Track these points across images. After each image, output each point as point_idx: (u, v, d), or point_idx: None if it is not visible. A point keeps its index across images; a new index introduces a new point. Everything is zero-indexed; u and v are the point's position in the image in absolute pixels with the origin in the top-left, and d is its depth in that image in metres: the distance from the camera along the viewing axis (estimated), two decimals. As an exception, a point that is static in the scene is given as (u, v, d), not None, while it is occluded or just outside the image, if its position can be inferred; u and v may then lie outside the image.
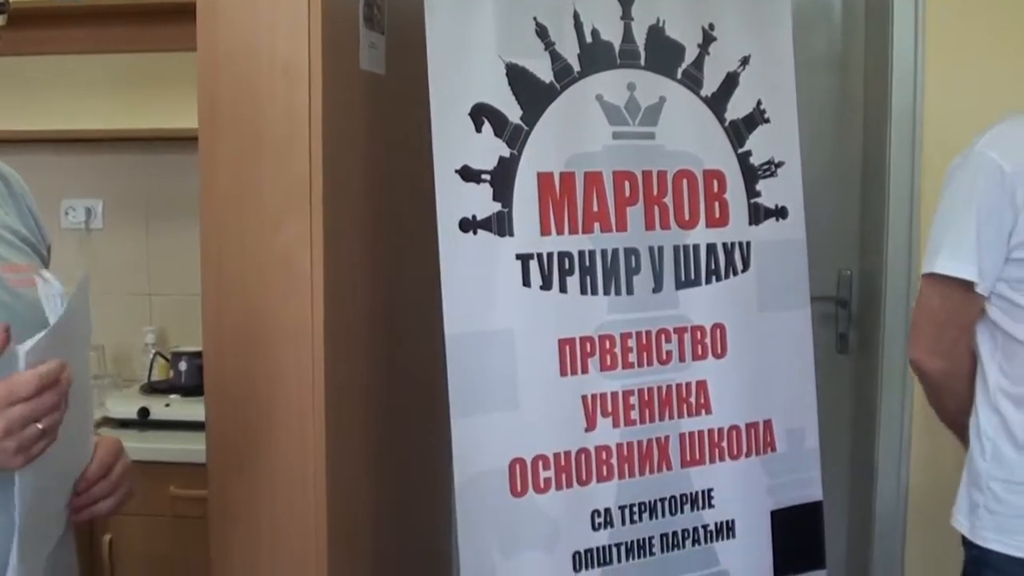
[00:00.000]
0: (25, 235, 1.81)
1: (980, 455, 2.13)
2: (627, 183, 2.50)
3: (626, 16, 2.54)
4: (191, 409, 2.85)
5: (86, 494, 1.66)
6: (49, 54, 3.25)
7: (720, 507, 2.61)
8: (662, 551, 2.55)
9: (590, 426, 2.46)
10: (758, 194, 2.66)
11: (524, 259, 2.38)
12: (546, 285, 2.41)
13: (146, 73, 3.41)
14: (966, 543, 2.17)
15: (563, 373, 2.42)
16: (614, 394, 2.49)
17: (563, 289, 2.42)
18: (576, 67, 2.46)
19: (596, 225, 2.47)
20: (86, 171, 3.49)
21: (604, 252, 2.47)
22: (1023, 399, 2.08)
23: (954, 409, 2.25)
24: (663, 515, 2.55)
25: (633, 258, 2.51)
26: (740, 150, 2.64)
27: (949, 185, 2.16)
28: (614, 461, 2.49)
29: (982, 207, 2.07)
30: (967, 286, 2.09)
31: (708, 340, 2.59)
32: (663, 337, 2.54)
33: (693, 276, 2.57)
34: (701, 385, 2.58)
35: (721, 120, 2.62)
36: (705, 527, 2.60)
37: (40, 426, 1.46)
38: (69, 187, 3.44)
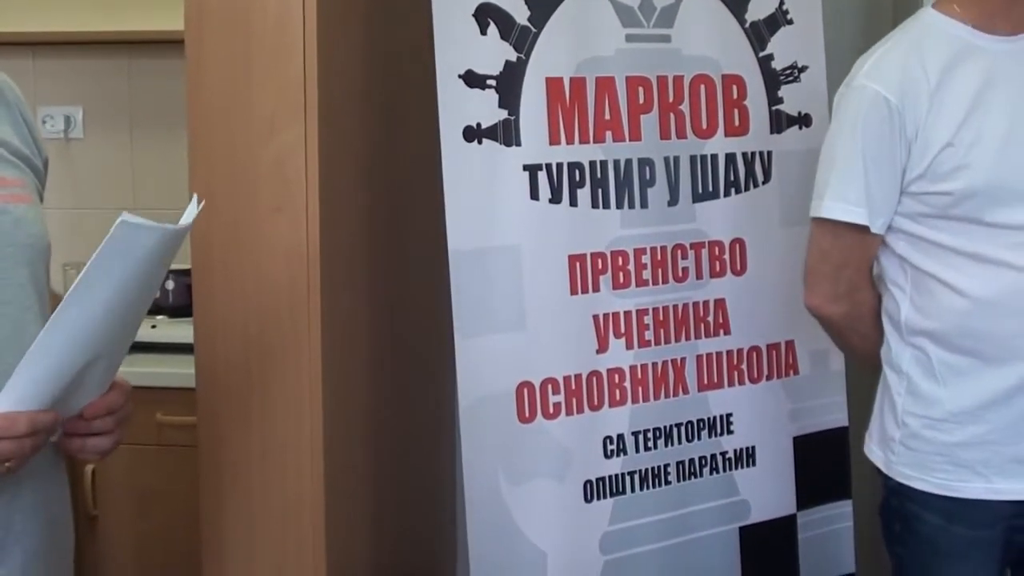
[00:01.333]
0: (17, 147, 1.73)
1: (896, 389, 2.03)
2: (641, 89, 2.39)
3: (639, -87, 2.41)
4: (179, 331, 2.76)
5: (85, 424, 1.59)
6: (25, -51, 3.16)
7: (739, 433, 2.53)
8: (678, 479, 2.48)
9: (602, 348, 2.37)
10: (780, 100, 2.56)
11: (532, 170, 2.28)
12: (555, 198, 2.30)
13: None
14: (881, 473, 2.09)
15: (573, 291, 2.33)
16: (627, 313, 2.39)
17: (573, 202, 2.32)
18: (587, -36, 2.34)
19: (608, 134, 2.36)
20: (65, 76, 3.37)
21: (617, 163, 2.37)
22: (941, 333, 1.97)
23: (862, 347, 2.15)
24: (679, 442, 2.47)
25: (647, 169, 2.40)
26: (761, 53, 2.54)
27: (834, 119, 2.03)
28: (627, 384, 2.40)
29: (869, 144, 1.94)
30: (860, 228, 1.97)
31: (727, 256, 2.50)
32: (679, 253, 2.45)
33: (711, 188, 2.48)
34: (719, 304, 2.50)
35: (741, 21, 2.51)
36: (724, 454, 2.52)
37: (8, 465, 1.47)
38: (47, 94, 3.33)
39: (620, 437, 2.40)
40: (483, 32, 2.23)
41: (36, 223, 1.67)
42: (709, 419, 2.50)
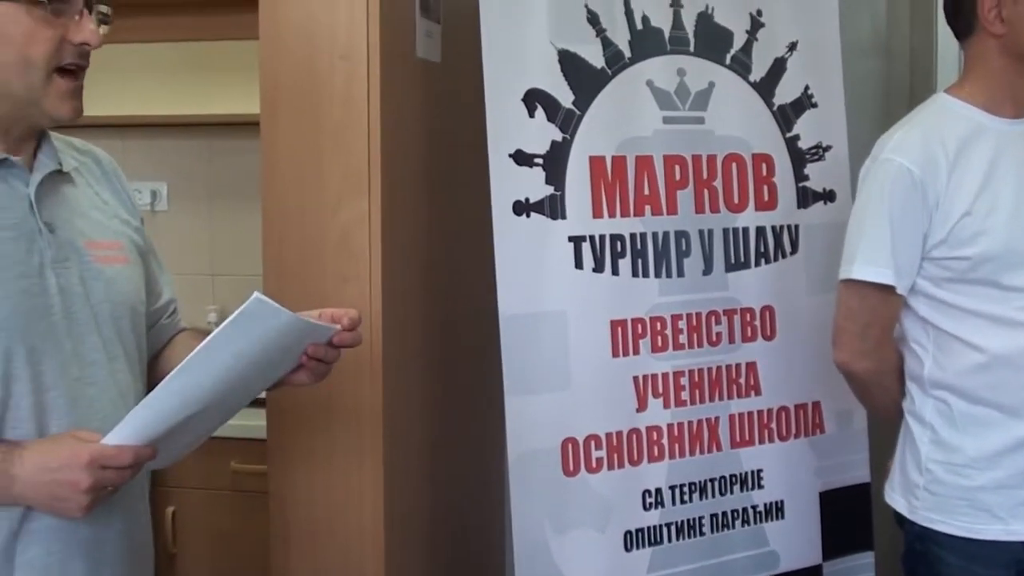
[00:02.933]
0: (115, 211, 1.89)
1: (919, 438, 2.16)
2: (677, 167, 2.54)
3: (675, 3, 2.58)
4: None
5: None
6: (117, 42, 3.33)
7: (769, 488, 2.64)
8: (712, 531, 2.59)
9: (641, 406, 2.50)
10: (806, 178, 2.69)
11: (576, 241, 2.42)
12: (598, 267, 2.45)
13: (210, 61, 3.48)
14: (902, 519, 2.20)
15: (615, 354, 2.46)
16: (665, 375, 2.52)
17: (615, 271, 2.46)
18: (627, 53, 2.50)
19: (647, 208, 2.50)
20: (152, 155, 3.57)
21: (655, 235, 2.51)
22: (961, 387, 2.11)
23: (885, 401, 2.27)
24: (713, 495, 2.58)
25: (684, 241, 2.54)
26: (788, 134, 2.67)
27: (860, 191, 2.19)
28: (665, 441, 2.53)
29: (895, 212, 2.09)
30: (886, 289, 2.12)
31: (757, 322, 2.62)
32: (713, 319, 2.57)
33: (743, 259, 2.61)
34: (751, 367, 2.62)
35: (769, 105, 2.66)
36: (754, 507, 2.63)
37: (109, 490, 1.62)
38: (135, 171, 3.40)
39: (658, 491, 2.51)
40: (531, 115, 2.39)
41: (127, 282, 1.83)
42: (741, 474, 2.61)
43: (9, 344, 1.63)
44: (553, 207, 2.41)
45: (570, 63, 2.43)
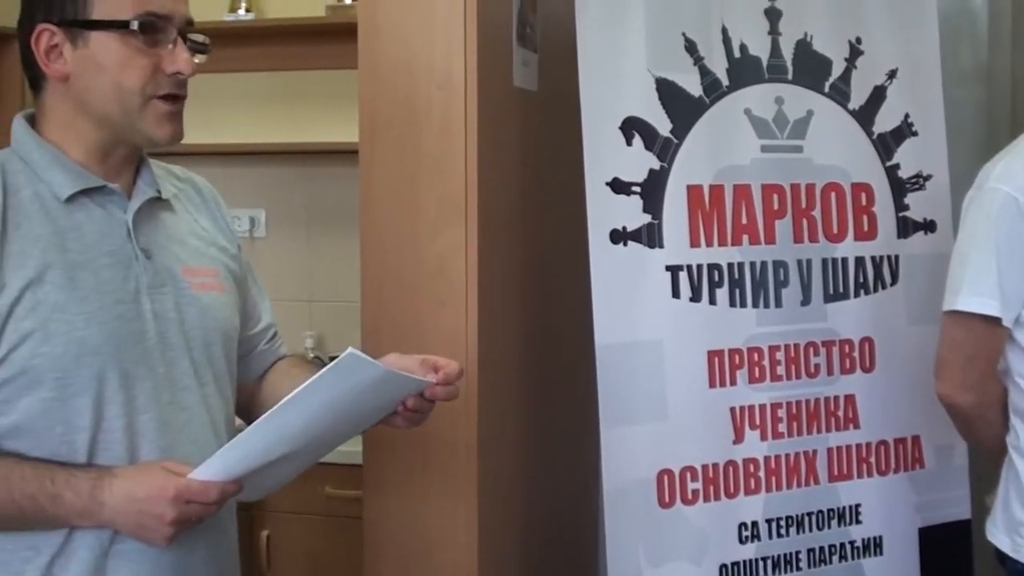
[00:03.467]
0: (213, 238, 1.92)
1: None
2: (775, 196, 2.52)
3: (774, 31, 2.56)
4: None
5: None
6: (219, 72, 3.40)
7: (867, 523, 2.60)
8: (809, 566, 2.55)
9: (738, 438, 2.47)
10: (906, 207, 2.66)
11: (674, 270, 2.41)
12: (695, 297, 2.43)
13: (309, 90, 3.54)
14: (1004, 557, 2.15)
15: (712, 385, 2.44)
16: (762, 407, 2.50)
17: (712, 301, 2.45)
18: (725, 81, 2.49)
19: (745, 237, 2.49)
20: (251, 182, 3.64)
21: (753, 264, 2.49)
22: None
23: (987, 436, 2.22)
24: (810, 530, 2.55)
25: (782, 271, 2.52)
26: (888, 163, 2.64)
27: (965, 220, 2.15)
28: (762, 474, 2.50)
29: (1001, 241, 2.06)
30: (991, 320, 2.07)
31: (856, 354, 2.59)
32: (811, 350, 2.55)
33: (841, 289, 2.58)
34: (849, 399, 2.58)
35: (869, 133, 2.63)
36: (852, 543, 2.59)
37: (194, 521, 1.64)
38: (235, 197, 3.48)
39: (754, 524, 2.48)
40: (628, 143, 2.39)
41: (221, 309, 1.85)
42: (839, 509, 2.56)
43: (103, 368, 1.65)
44: (650, 236, 2.40)
45: (668, 91, 2.43)
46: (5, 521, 1.62)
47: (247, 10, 3.52)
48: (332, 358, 3.22)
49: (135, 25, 1.67)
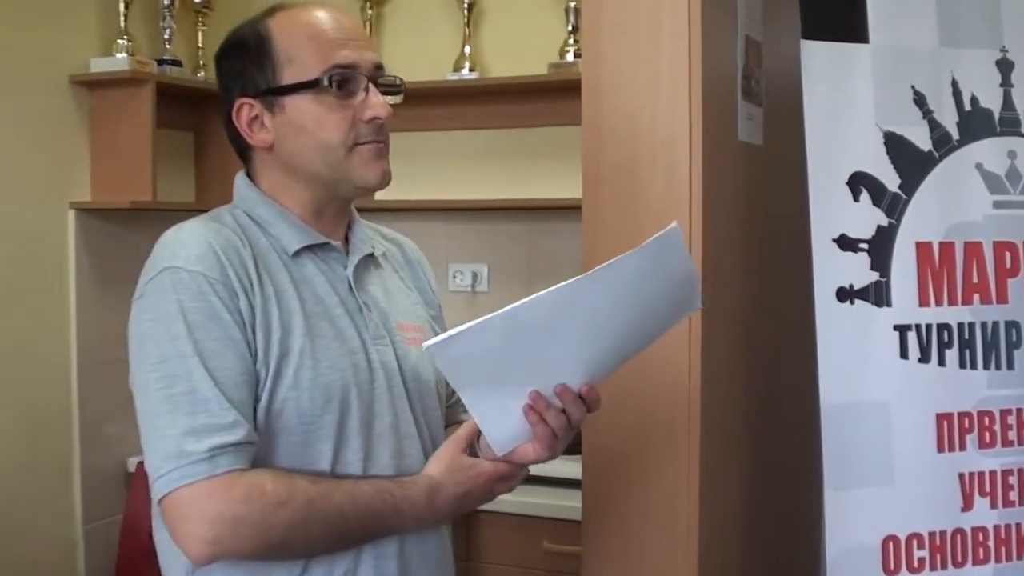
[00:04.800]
0: (417, 298, 1.95)
1: None
2: (1008, 254, 2.42)
3: (1005, 83, 2.47)
4: (566, 466, 2.85)
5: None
6: (441, 130, 3.48)
7: (1103, 597, 2.46)
8: (1039, 639, 2.43)
9: (967, 506, 2.37)
10: None
11: (902, 330, 2.34)
12: (924, 357, 2.35)
13: (530, 146, 3.59)
14: None
15: (940, 449, 2.35)
16: (992, 473, 2.39)
17: (941, 362, 2.36)
18: (955, 135, 2.41)
19: (975, 296, 2.39)
20: (473, 238, 3.70)
21: (984, 324, 2.39)
22: None
23: None
24: (1042, 602, 2.43)
25: (1014, 331, 2.41)
26: None
27: None
28: (991, 543, 2.38)
29: None
30: None
31: (1095, 420, 2.46)
32: (1045, 415, 2.43)
33: (1079, 352, 2.46)
34: (1086, 468, 2.45)
35: (1106, 189, 2.51)
36: (1086, 617, 2.46)
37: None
38: (457, 252, 3.66)
39: (984, 595, 2.38)
40: (856, 199, 2.33)
41: (430, 364, 1.88)
42: (1074, 583, 2.44)
43: (344, 414, 1.71)
44: (878, 294, 2.33)
45: (896, 145, 2.36)
46: (346, 537, 1.70)
47: (470, 69, 3.60)
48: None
49: (325, 82, 1.72)
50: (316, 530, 1.64)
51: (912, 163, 2.37)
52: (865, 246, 2.33)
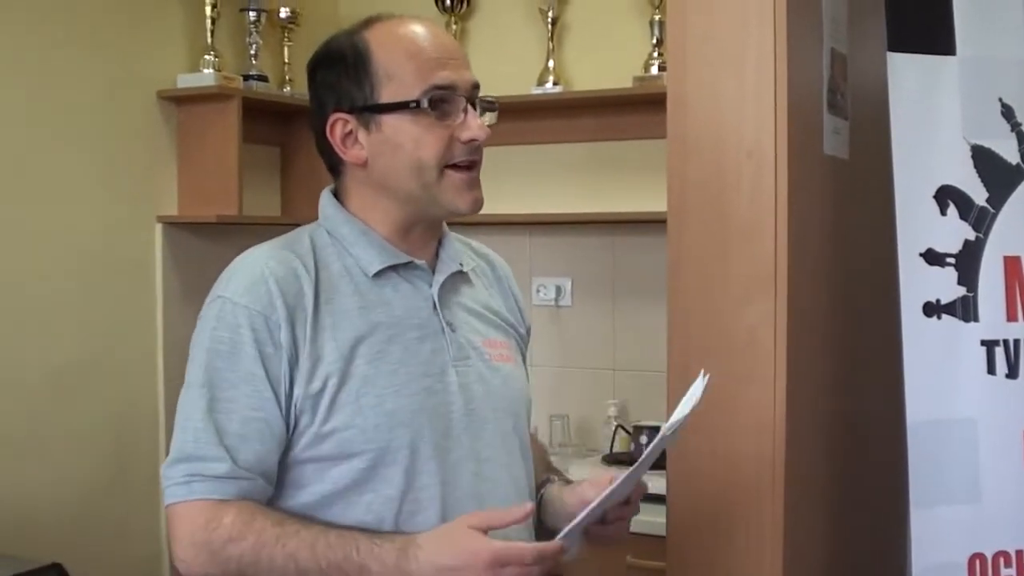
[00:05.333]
0: (505, 315, 1.95)
1: None
2: (1098, 269, 2.39)
3: (1096, 94, 2.44)
4: (652, 481, 2.88)
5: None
6: (525, 144, 3.49)
7: None
8: None
9: (1055, 524, 2.34)
10: None
11: (989, 345, 2.31)
12: (1012, 373, 2.32)
13: (615, 160, 3.59)
14: None
15: (1028, 466, 2.32)
16: (1083, 491, 2.35)
17: (1030, 378, 2.33)
18: (1044, 149, 2.39)
19: (1065, 312, 2.36)
20: (556, 252, 3.71)
21: (1072, 340, 2.36)
22: None
23: None
24: None
25: (1103, 347, 2.38)
26: None
27: None
28: (1080, 562, 2.35)
29: None
30: None
31: None
32: None
33: None
34: None
35: None
36: None
37: None
38: (541, 266, 3.68)
39: (1072, 615, 2.34)
40: (943, 212, 2.32)
41: (520, 379, 1.89)
42: None
43: (415, 439, 1.70)
44: (965, 309, 2.31)
45: (984, 159, 2.34)
46: None
47: (555, 83, 3.60)
48: (635, 427, 3.25)
49: (424, 103, 1.70)
50: (266, 573, 1.63)
51: (1000, 176, 2.35)
52: (952, 260, 2.31)
